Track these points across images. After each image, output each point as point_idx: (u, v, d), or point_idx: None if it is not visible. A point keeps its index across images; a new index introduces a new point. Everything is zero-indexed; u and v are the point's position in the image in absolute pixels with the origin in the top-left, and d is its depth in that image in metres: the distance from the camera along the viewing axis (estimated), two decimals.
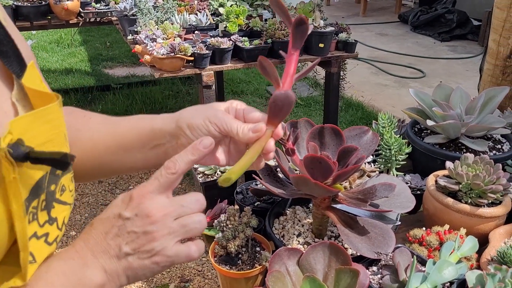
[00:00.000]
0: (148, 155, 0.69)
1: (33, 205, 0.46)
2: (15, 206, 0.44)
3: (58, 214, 0.52)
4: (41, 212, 0.48)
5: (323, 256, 0.87)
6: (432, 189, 1.12)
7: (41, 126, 0.46)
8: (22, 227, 0.45)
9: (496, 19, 1.57)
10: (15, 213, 0.44)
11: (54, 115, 0.48)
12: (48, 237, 0.50)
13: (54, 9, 3.48)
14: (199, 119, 0.66)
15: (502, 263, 0.91)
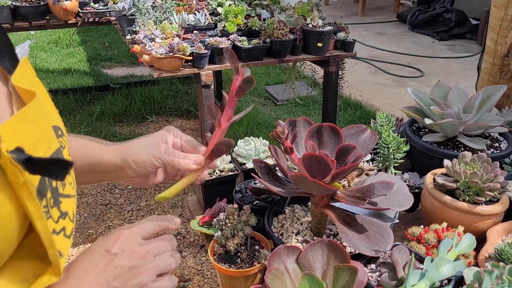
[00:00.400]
0: (94, 178, 0.79)
1: (43, 204, 0.47)
2: (32, 208, 0.45)
3: (67, 208, 0.53)
4: (52, 209, 0.49)
5: (321, 254, 0.87)
6: (430, 187, 1.13)
7: (27, 127, 0.46)
8: (43, 226, 0.46)
9: (493, 18, 1.58)
10: (34, 214, 0.45)
11: (36, 114, 0.49)
12: (66, 231, 0.52)
13: (53, 9, 3.48)
14: (144, 156, 0.76)
15: (500, 260, 0.92)
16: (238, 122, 4.02)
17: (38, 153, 0.47)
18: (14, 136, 0.44)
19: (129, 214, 3.00)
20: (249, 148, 1.34)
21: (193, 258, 2.60)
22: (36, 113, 0.48)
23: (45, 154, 0.48)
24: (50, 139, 0.51)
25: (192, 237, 2.78)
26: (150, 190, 3.25)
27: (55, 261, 0.49)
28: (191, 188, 3.23)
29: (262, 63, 2.70)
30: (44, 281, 0.49)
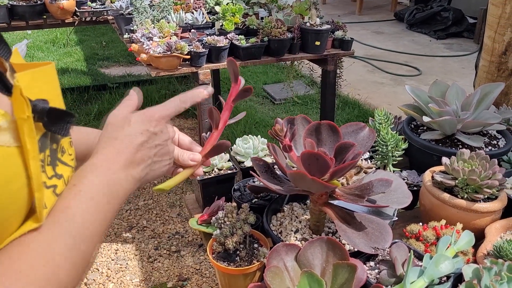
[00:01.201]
0: None
1: (40, 158, 0.47)
2: (30, 146, 0.45)
3: (63, 172, 0.54)
4: (47, 166, 0.50)
5: (320, 252, 0.87)
6: (429, 185, 1.13)
7: (42, 86, 0.48)
8: (36, 166, 0.46)
9: (491, 16, 1.58)
10: (30, 153, 0.45)
11: (51, 77, 0.51)
12: (56, 189, 0.52)
13: (50, 8, 3.47)
14: None
15: (498, 257, 0.92)
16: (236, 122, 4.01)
17: None
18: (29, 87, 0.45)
19: (127, 214, 3.00)
20: (248, 146, 1.34)
21: (192, 257, 2.60)
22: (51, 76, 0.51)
23: None
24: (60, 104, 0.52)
25: (191, 236, 2.78)
26: (148, 190, 3.24)
27: (39, 206, 0.48)
28: (190, 187, 3.23)
29: (260, 61, 2.70)
30: (26, 227, 0.48)
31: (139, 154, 0.63)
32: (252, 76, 5.25)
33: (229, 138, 3.77)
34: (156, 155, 0.66)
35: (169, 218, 2.96)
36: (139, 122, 0.65)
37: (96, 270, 2.52)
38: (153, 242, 2.74)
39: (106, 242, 2.74)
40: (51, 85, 0.52)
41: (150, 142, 0.64)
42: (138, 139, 0.63)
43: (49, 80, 0.52)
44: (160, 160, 0.68)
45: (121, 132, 0.63)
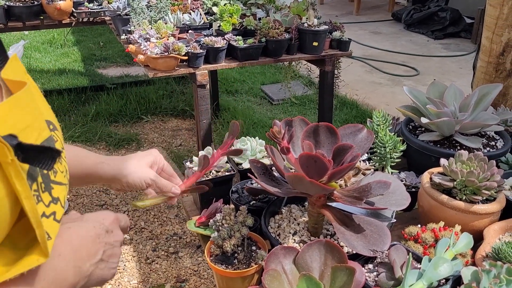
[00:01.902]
0: (81, 183, 0.92)
1: (34, 188, 0.47)
2: (20, 187, 0.44)
3: (59, 194, 0.53)
4: (43, 193, 0.49)
5: (319, 254, 0.87)
6: (427, 186, 1.12)
7: (18, 113, 0.47)
8: (31, 205, 0.46)
9: (488, 17, 1.58)
10: (22, 194, 0.45)
11: (27, 101, 0.49)
12: (56, 215, 0.52)
13: (47, 9, 3.45)
14: (137, 180, 0.93)
15: (497, 259, 0.92)
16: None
17: (28, 140, 0.47)
18: (5, 120, 0.44)
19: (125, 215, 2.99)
20: (245, 148, 1.34)
21: (190, 259, 2.59)
22: (27, 101, 0.49)
23: (35, 141, 0.49)
24: (41, 127, 0.51)
25: (189, 237, 2.77)
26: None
27: (43, 242, 0.48)
28: None
29: (257, 62, 2.69)
30: (32, 261, 0.48)
31: (89, 247, 0.61)
32: (250, 77, 5.24)
33: None
34: (104, 254, 0.63)
35: (167, 219, 2.95)
36: (94, 216, 0.66)
37: None
38: (151, 243, 2.73)
39: None
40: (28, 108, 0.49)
41: (101, 238, 0.63)
42: (91, 231, 0.62)
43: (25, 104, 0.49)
44: (107, 260, 0.64)
45: (74, 223, 0.62)
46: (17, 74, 0.52)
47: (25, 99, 0.49)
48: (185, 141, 3.90)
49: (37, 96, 0.54)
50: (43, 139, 0.50)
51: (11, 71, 0.51)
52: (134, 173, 0.93)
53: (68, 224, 0.60)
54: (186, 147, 3.80)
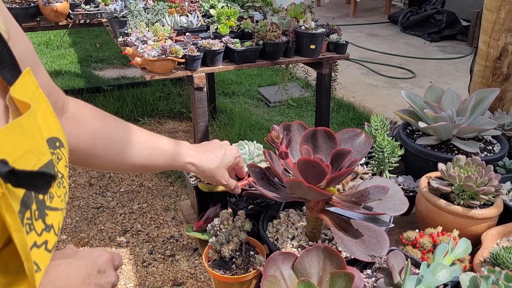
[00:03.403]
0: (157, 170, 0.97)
1: (26, 216, 0.46)
2: (10, 220, 0.43)
3: (53, 221, 0.52)
4: (36, 221, 0.48)
5: (317, 260, 0.87)
6: (425, 191, 1.12)
7: (17, 138, 0.46)
8: (21, 238, 0.45)
9: (485, 21, 1.58)
10: (11, 226, 0.44)
11: (28, 125, 0.48)
12: (48, 244, 0.50)
13: (43, 10, 3.45)
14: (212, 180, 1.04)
15: (495, 265, 0.92)
16: (231, 124, 4.01)
17: (26, 165, 0.46)
18: (2, 147, 0.43)
19: (122, 218, 2.98)
20: (243, 152, 1.33)
21: (186, 262, 2.58)
22: (29, 125, 0.48)
23: (33, 166, 0.47)
24: (41, 152, 0.49)
25: (185, 240, 2.77)
26: (142, 193, 3.23)
27: (31, 275, 0.47)
28: (184, 190, 3.22)
29: (255, 65, 2.69)
30: None
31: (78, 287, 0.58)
32: (247, 79, 5.24)
33: None
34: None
35: (163, 222, 2.94)
36: (88, 254, 0.64)
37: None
38: (148, 246, 2.72)
39: (100, 246, 2.72)
40: (28, 133, 0.48)
41: (92, 278, 0.60)
42: (81, 270, 0.59)
43: (26, 129, 0.47)
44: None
45: (66, 259, 0.60)
46: (27, 91, 0.50)
47: (26, 124, 0.47)
48: None
49: (46, 112, 0.53)
50: (42, 164, 0.49)
51: (21, 88, 0.49)
52: (213, 176, 1.02)
53: (58, 260, 0.57)
54: None
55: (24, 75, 0.50)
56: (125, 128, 0.89)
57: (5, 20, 0.52)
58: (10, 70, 0.49)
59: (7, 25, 0.52)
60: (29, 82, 0.51)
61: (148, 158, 0.91)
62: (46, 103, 0.54)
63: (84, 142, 0.80)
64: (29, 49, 0.58)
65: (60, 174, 0.53)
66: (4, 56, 0.49)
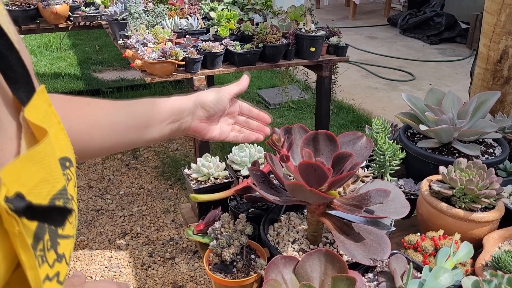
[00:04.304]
0: (164, 130, 0.84)
1: (39, 248, 0.45)
2: (25, 258, 0.42)
3: (65, 249, 0.51)
4: (48, 252, 0.46)
5: (319, 264, 0.86)
6: (426, 194, 1.12)
7: (33, 167, 0.44)
8: (35, 276, 0.44)
9: (486, 24, 1.58)
10: (26, 264, 0.42)
11: (45, 153, 0.47)
12: (59, 276, 0.49)
13: (43, 13, 3.45)
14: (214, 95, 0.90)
15: (497, 268, 0.92)
16: None
17: (40, 194, 0.44)
18: (18, 178, 0.42)
19: (121, 220, 2.97)
20: (244, 155, 1.33)
21: (186, 264, 2.58)
22: (45, 153, 0.46)
23: (48, 194, 0.46)
24: (55, 179, 0.48)
25: (185, 242, 2.76)
26: (142, 196, 3.22)
27: None
28: (184, 193, 3.21)
29: (255, 67, 2.69)
30: None
31: None
32: None
33: (224, 145, 3.76)
34: None
35: (163, 225, 2.94)
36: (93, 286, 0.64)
37: (89, 278, 2.49)
38: (147, 249, 2.72)
39: (99, 249, 2.71)
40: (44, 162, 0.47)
41: None
42: None
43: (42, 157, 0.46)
44: None
45: None
46: (40, 110, 0.49)
47: (43, 152, 0.46)
48: (181, 145, 3.89)
49: (58, 131, 0.51)
50: (55, 192, 0.47)
51: (35, 108, 0.47)
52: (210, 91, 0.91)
53: None
54: (183, 152, 3.79)
55: (38, 93, 0.48)
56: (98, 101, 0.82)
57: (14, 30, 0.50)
58: (25, 89, 0.47)
59: (17, 36, 0.50)
60: (42, 101, 0.49)
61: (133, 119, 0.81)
62: (57, 121, 0.52)
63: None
64: (29, 59, 0.57)
65: (70, 196, 0.52)
66: (20, 74, 0.47)
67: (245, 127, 0.99)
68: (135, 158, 3.70)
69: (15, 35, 0.51)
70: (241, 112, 0.98)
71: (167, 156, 3.71)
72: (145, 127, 0.81)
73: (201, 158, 1.31)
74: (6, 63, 0.45)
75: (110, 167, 3.58)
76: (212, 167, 1.28)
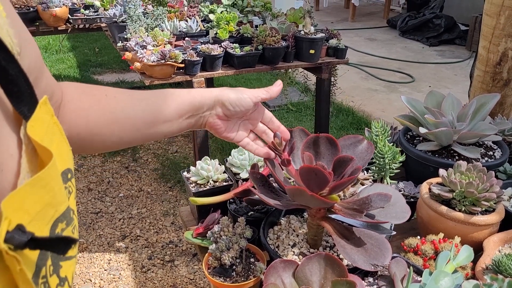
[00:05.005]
0: (182, 124, 0.82)
1: (41, 275, 0.43)
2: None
3: (67, 272, 0.49)
4: (51, 277, 0.45)
5: (319, 268, 0.86)
6: (426, 197, 1.12)
7: (37, 193, 0.42)
8: None
9: (485, 26, 1.58)
10: None
11: (49, 178, 0.45)
12: None
13: (43, 15, 3.45)
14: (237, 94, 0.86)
15: (498, 272, 0.91)
16: None
17: (44, 219, 0.43)
18: (22, 206, 0.40)
19: (120, 223, 2.97)
20: (243, 158, 1.33)
21: (186, 267, 2.57)
22: (50, 178, 0.44)
23: (51, 218, 0.45)
24: (59, 201, 0.46)
25: (184, 245, 2.75)
26: (141, 198, 3.22)
27: None
28: (184, 195, 3.21)
29: (254, 70, 2.69)
30: None
31: None
32: (246, 83, 5.24)
33: (224, 147, 3.76)
34: None
35: (162, 227, 2.93)
36: None
37: (88, 281, 2.49)
38: (147, 251, 2.71)
39: (98, 252, 2.70)
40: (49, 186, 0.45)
41: None
42: None
43: (47, 182, 0.45)
44: None
45: None
46: (43, 123, 0.47)
47: (48, 177, 0.44)
48: (181, 148, 3.88)
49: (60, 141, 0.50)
50: (59, 215, 0.46)
51: (37, 121, 0.46)
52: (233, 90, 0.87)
53: None
54: (182, 154, 3.79)
55: (41, 106, 0.47)
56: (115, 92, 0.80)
57: (17, 30, 0.48)
58: (27, 103, 0.46)
59: (19, 36, 0.48)
60: (45, 112, 0.48)
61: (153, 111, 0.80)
62: (60, 132, 0.51)
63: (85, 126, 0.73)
64: (37, 54, 0.54)
65: (72, 211, 0.50)
66: (22, 87, 0.45)
67: (261, 138, 0.95)
68: (134, 161, 3.69)
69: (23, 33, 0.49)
70: (262, 120, 0.94)
71: (167, 159, 3.70)
72: (163, 122, 0.80)
73: (201, 161, 1.31)
74: (6, 77, 0.43)
75: (109, 170, 3.57)
76: (211, 170, 1.28)
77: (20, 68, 0.45)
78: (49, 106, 0.49)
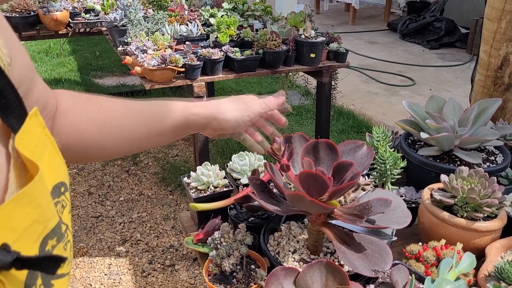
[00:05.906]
0: (176, 136, 0.86)
1: None
2: None
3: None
4: None
5: (320, 275, 0.85)
6: (428, 203, 1.11)
7: (23, 210, 0.41)
8: None
9: (486, 31, 1.58)
10: None
11: (36, 193, 0.43)
12: None
13: (43, 19, 3.45)
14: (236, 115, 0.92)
15: (500, 279, 0.91)
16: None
17: (31, 237, 0.42)
18: (7, 224, 0.39)
19: (121, 227, 2.96)
20: (244, 163, 1.32)
21: (186, 272, 2.56)
22: (37, 193, 0.43)
23: (40, 235, 0.43)
24: (48, 217, 0.45)
25: (185, 249, 2.75)
26: (142, 202, 3.21)
27: None
28: (184, 199, 3.20)
29: (255, 74, 2.69)
30: None
31: None
32: (247, 86, 5.24)
33: (224, 152, 3.75)
34: None
35: (163, 231, 2.92)
36: None
37: (89, 286, 2.48)
38: (147, 256, 2.70)
39: (99, 256, 2.70)
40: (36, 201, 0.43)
41: None
42: None
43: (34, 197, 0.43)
44: None
45: None
46: (33, 136, 0.45)
47: (34, 192, 0.42)
48: (181, 151, 3.88)
49: (52, 153, 0.48)
50: (48, 231, 0.44)
51: (26, 134, 0.44)
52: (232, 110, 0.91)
53: None
54: (183, 158, 3.78)
55: (31, 117, 0.46)
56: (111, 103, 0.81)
57: (6, 40, 0.47)
58: (16, 115, 0.45)
59: (9, 46, 0.47)
60: (35, 124, 0.47)
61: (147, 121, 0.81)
62: (52, 144, 0.49)
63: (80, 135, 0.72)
64: (28, 64, 0.53)
65: (64, 226, 0.48)
66: (10, 99, 0.44)
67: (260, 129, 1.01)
68: (135, 164, 3.69)
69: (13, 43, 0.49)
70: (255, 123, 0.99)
71: (167, 162, 3.70)
72: (160, 135, 0.82)
73: (201, 167, 1.31)
74: None
75: (110, 173, 3.57)
76: (211, 175, 1.27)
77: (8, 80, 0.44)
78: (40, 118, 0.48)
